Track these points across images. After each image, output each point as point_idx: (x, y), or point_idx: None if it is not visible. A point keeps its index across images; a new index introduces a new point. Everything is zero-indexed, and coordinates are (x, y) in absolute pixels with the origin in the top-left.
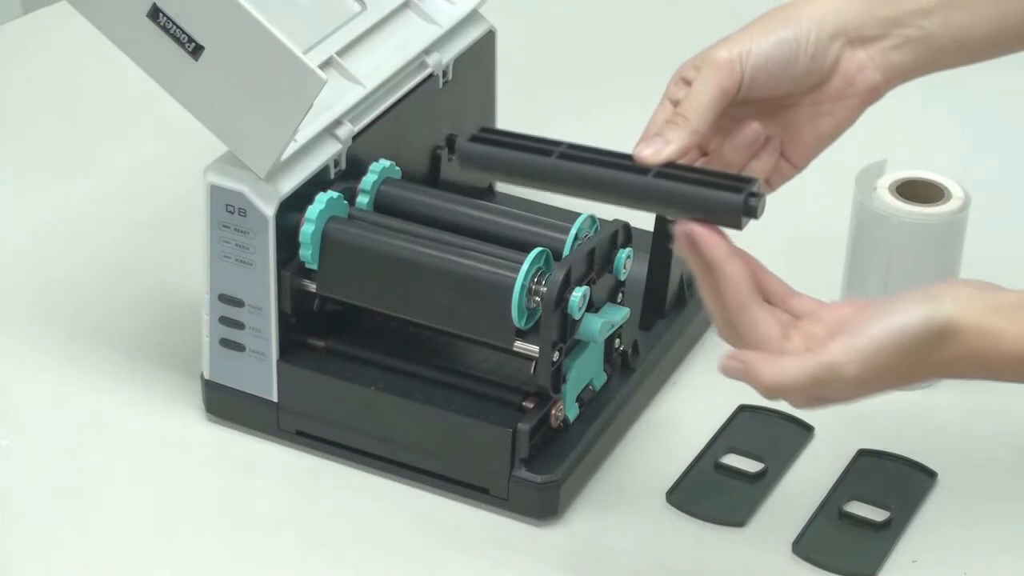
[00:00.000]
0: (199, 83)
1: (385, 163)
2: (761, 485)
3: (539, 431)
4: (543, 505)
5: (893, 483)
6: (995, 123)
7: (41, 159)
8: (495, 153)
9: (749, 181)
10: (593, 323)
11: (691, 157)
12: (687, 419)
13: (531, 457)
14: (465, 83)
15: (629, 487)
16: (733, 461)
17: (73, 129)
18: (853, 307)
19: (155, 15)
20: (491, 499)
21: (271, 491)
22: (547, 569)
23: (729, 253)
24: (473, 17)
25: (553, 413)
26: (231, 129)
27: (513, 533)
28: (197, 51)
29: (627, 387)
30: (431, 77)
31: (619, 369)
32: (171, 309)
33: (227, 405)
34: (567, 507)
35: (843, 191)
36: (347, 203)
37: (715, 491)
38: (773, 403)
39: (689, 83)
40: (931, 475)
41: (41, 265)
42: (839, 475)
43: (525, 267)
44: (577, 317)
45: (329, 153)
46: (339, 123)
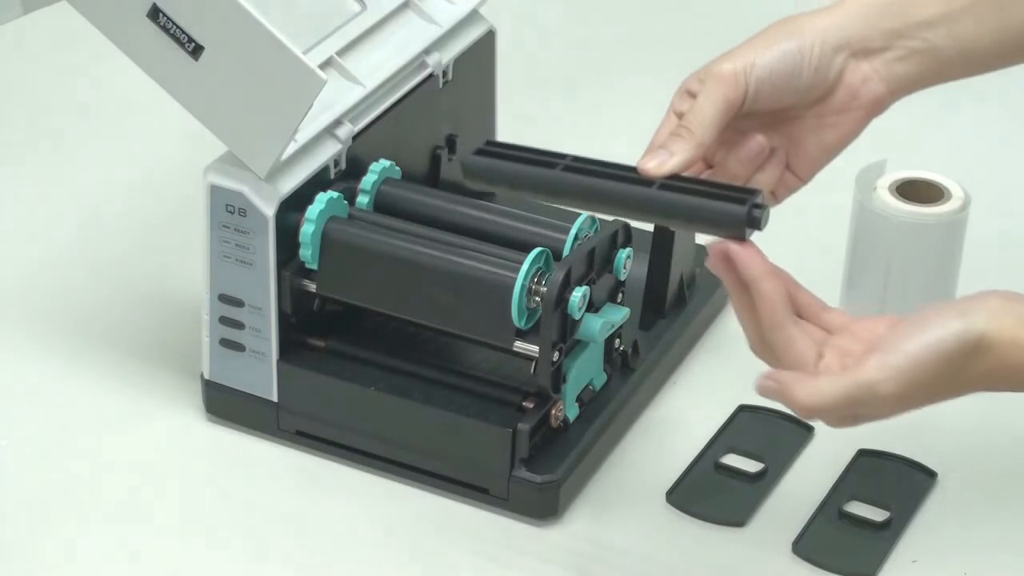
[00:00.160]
0: (199, 83)
1: (385, 163)
2: (761, 485)
3: (539, 431)
4: (543, 505)
5: (893, 483)
6: (995, 123)
7: (41, 159)
8: (500, 166)
9: (753, 192)
10: (593, 323)
11: (696, 169)
12: (687, 419)
13: (531, 457)
14: (465, 83)
15: (629, 487)
16: (733, 461)
17: (73, 129)
18: (886, 322)
19: (155, 15)
20: (491, 499)
21: (271, 491)
22: (547, 569)
23: (766, 272)
24: (473, 17)
25: (553, 413)
26: (231, 129)
27: (513, 533)
28: (197, 51)
29: (627, 387)
30: (431, 77)
31: (619, 369)
32: (171, 309)
33: (227, 405)
34: (567, 507)
35: (843, 191)
36: (347, 203)
37: (715, 491)
38: (777, 405)
39: (694, 96)
40: (931, 475)
41: (41, 265)
42: (839, 475)
43: (525, 267)
44: (577, 317)
45: (329, 153)
46: (339, 123)
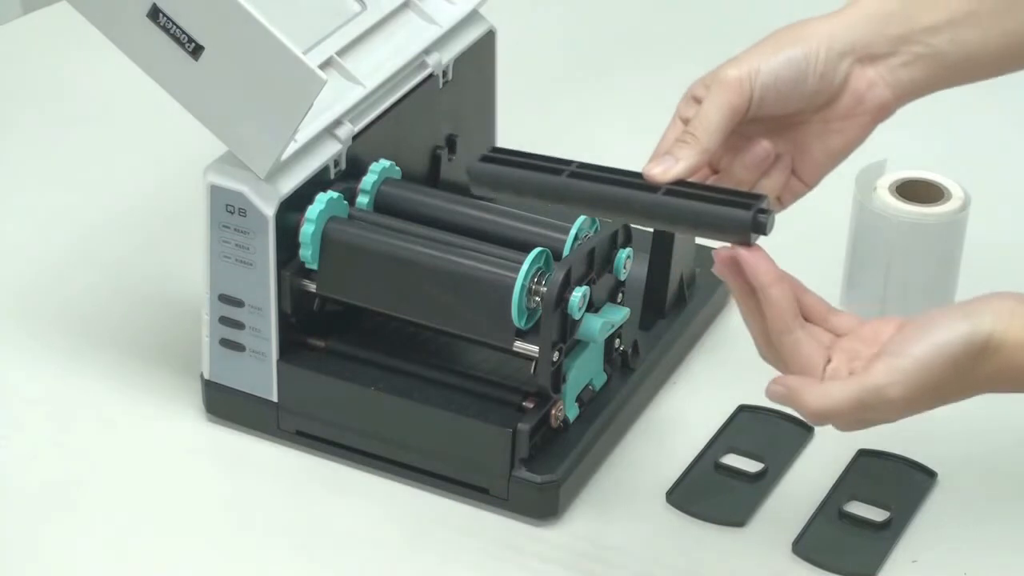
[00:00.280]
0: (199, 83)
1: (385, 163)
2: (761, 485)
3: (539, 431)
4: (543, 505)
5: (893, 483)
6: (995, 123)
7: (40, 159)
8: (506, 173)
9: (758, 198)
10: (593, 323)
11: (702, 175)
12: (687, 419)
13: (531, 457)
14: (465, 83)
15: (629, 487)
16: (733, 461)
17: (73, 129)
18: (893, 325)
19: (155, 15)
20: (491, 499)
21: (271, 491)
22: (547, 569)
23: (775, 277)
24: (473, 17)
25: (553, 413)
26: (231, 129)
27: (513, 533)
28: (197, 51)
29: (627, 387)
30: (431, 77)
31: (619, 369)
32: (171, 309)
33: (227, 405)
34: (567, 507)
35: (843, 191)
36: (347, 203)
37: (715, 491)
38: (777, 404)
39: (699, 101)
40: (931, 475)
41: (41, 265)
42: (839, 475)
43: (525, 267)
44: (577, 317)
45: (329, 153)
46: (339, 123)
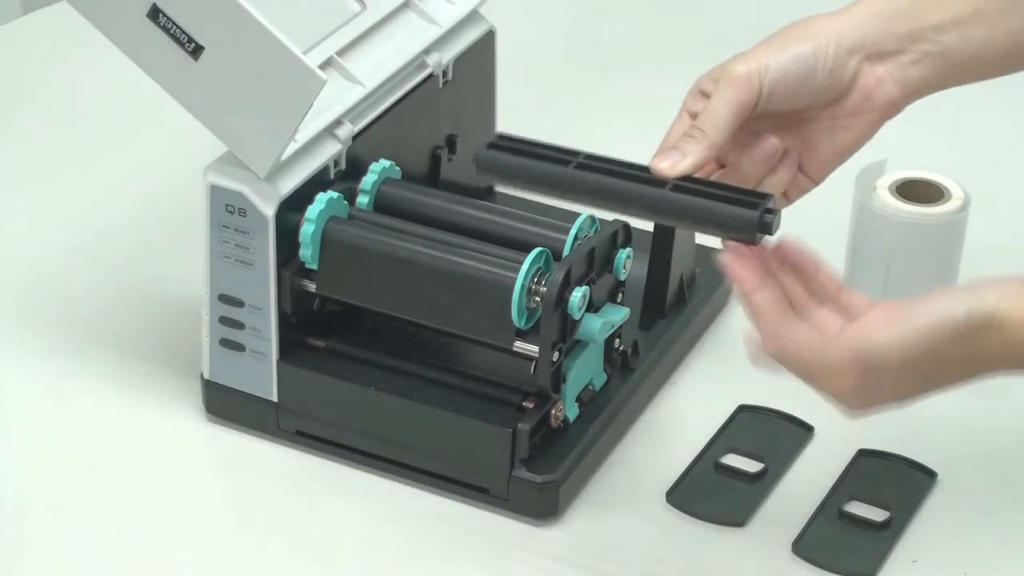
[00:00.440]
0: (199, 83)
1: (385, 163)
2: (761, 485)
3: (539, 431)
4: (543, 505)
5: (893, 483)
6: (995, 123)
7: (40, 159)
8: (512, 161)
9: (765, 197)
10: (593, 323)
11: (708, 170)
12: (687, 419)
13: (531, 457)
14: (465, 83)
15: (629, 487)
16: (733, 461)
17: (72, 129)
18: (901, 301)
19: (155, 15)
20: (491, 499)
21: (271, 491)
22: (547, 569)
23: (756, 285)
24: (473, 17)
25: (553, 413)
26: (231, 129)
27: (513, 533)
28: (197, 51)
29: (627, 387)
30: (431, 77)
31: (619, 369)
32: (171, 309)
33: (227, 405)
34: (567, 507)
35: (843, 191)
36: (347, 203)
37: (715, 491)
38: (777, 405)
39: (707, 96)
40: (931, 475)
41: (41, 265)
42: (839, 475)
43: (525, 267)
44: (577, 317)
45: (329, 153)
46: (339, 123)
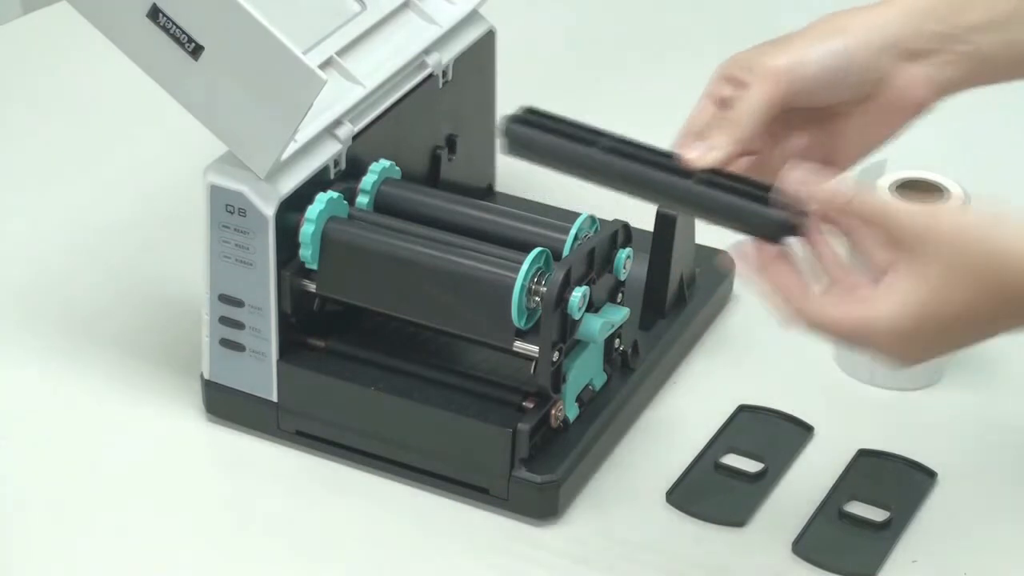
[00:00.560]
0: (199, 83)
1: (385, 163)
2: (761, 485)
3: (539, 431)
4: (543, 505)
5: (893, 483)
6: (995, 123)
7: (40, 159)
8: (538, 137)
9: None
10: (593, 323)
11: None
12: (687, 419)
13: (531, 457)
14: (465, 83)
15: (629, 487)
16: (733, 461)
17: (72, 129)
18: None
19: (155, 15)
20: (491, 499)
21: (271, 491)
22: (547, 569)
23: (764, 265)
24: (473, 17)
25: (553, 413)
26: (231, 129)
27: (513, 533)
28: (197, 51)
29: (627, 387)
30: (431, 77)
31: (619, 369)
32: (171, 309)
33: (227, 405)
34: (567, 507)
35: None
36: (347, 203)
37: (715, 491)
38: (777, 404)
39: (733, 82)
40: (931, 475)
41: (41, 265)
42: (839, 475)
43: (525, 267)
44: (577, 317)
45: (329, 153)
46: (339, 123)
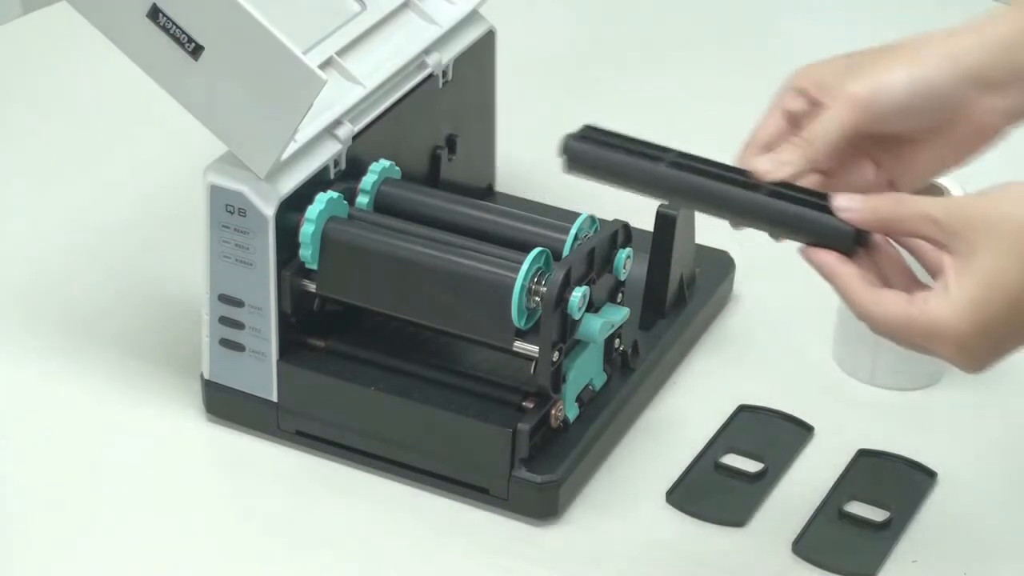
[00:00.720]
0: (199, 83)
1: (385, 163)
2: (761, 485)
3: (539, 431)
4: (543, 505)
5: (893, 483)
6: None
7: (40, 159)
8: (602, 155)
9: None
10: (593, 323)
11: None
12: (687, 419)
13: (531, 457)
14: (465, 83)
15: (629, 487)
16: (733, 461)
17: (72, 129)
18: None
19: (155, 15)
20: (491, 499)
21: (271, 491)
22: (547, 569)
23: (838, 262)
24: (473, 17)
25: (553, 413)
26: (231, 129)
27: (513, 533)
28: (197, 51)
29: (627, 387)
30: (431, 77)
31: (619, 369)
32: (171, 309)
33: (227, 405)
34: (567, 507)
35: None
36: (347, 203)
37: (715, 491)
38: (777, 404)
39: (804, 95)
40: (931, 475)
41: (41, 265)
42: (839, 475)
43: (525, 267)
44: (577, 317)
45: (329, 153)
46: (339, 123)
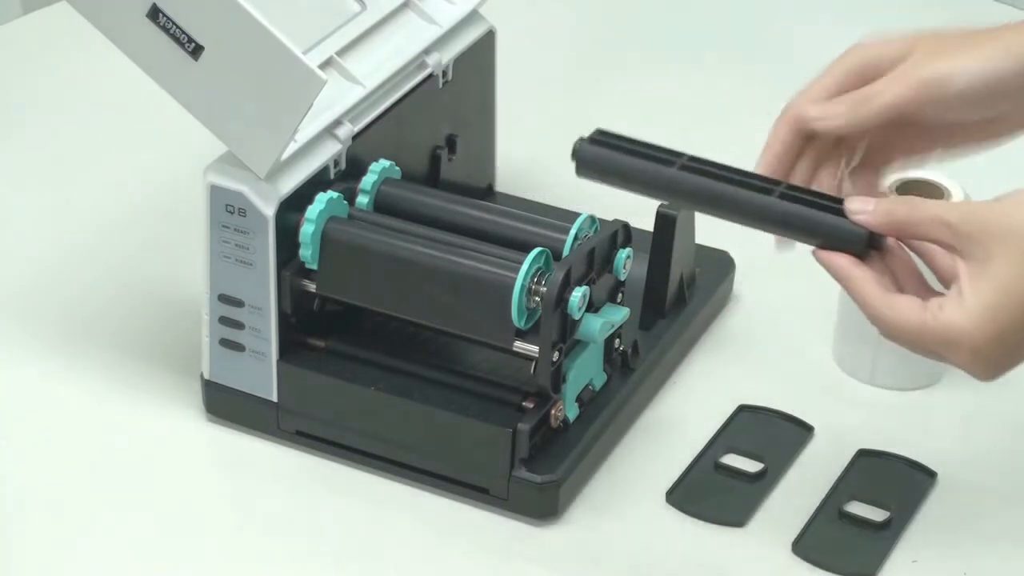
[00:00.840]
0: (199, 83)
1: (385, 163)
2: (761, 485)
3: (539, 431)
4: (543, 505)
5: (893, 483)
6: None
7: (40, 159)
8: (614, 158)
9: None
10: (593, 323)
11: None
12: (687, 419)
13: (531, 457)
14: (465, 83)
15: (629, 487)
16: (733, 461)
17: (73, 129)
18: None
19: (155, 15)
20: (491, 499)
21: (271, 491)
22: (547, 569)
23: (851, 266)
24: (473, 17)
25: (553, 413)
26: (231, 129)
27: (513, 533)
28: (197, 51)
29: (627, 387)
30: (431, 77)
31: (619, 369)
32: (171, 309)
33: (227, 405)
34: (567, 507)
35: None
36: (347, 203)
37: (715, 491)
38: (777, 404)
39: (869, 68)
40: (931, 475)
41: (40, 265)
42: (839, 475)
43: (525, 267)
44: (577, 317)
45: (329, 153)
46: (339, 123)
